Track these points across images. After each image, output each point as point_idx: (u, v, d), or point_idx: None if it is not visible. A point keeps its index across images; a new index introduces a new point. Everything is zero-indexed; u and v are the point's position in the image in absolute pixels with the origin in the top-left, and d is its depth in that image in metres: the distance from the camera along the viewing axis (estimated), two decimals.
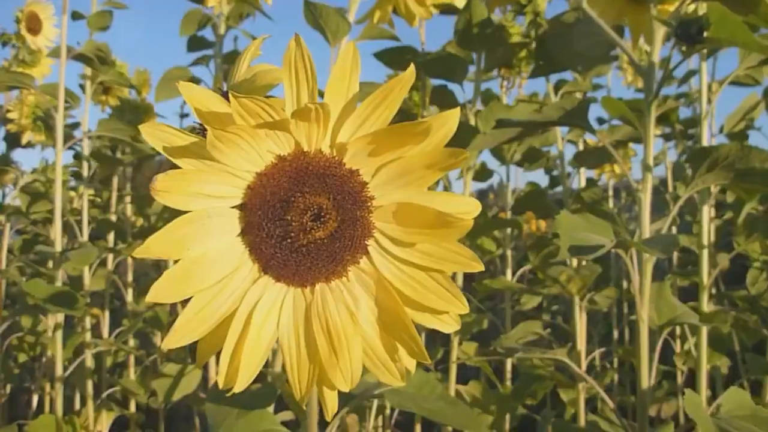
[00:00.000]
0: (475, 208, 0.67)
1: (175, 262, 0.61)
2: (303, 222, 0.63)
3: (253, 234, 0.64)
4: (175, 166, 0.60)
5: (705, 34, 1.24)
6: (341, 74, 0.61)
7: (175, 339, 0.62)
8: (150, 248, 0.59)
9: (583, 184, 2.71)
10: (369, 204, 0.65)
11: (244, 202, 0.64)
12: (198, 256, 0.62)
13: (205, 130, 0.65)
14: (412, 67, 0.60)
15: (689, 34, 1.26)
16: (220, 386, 0.63)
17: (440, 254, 0.66)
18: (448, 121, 0.63)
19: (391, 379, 0.66)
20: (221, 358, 0.63)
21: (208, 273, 0.63)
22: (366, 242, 0.67)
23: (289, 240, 0.64)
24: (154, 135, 0.59)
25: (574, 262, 2.35)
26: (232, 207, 0.64)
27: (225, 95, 0.67)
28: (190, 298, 0.63)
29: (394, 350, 0.67)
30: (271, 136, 0.61)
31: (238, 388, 0.63)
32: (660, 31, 1.41)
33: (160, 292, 0.60)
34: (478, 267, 0.65)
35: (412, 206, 0.65)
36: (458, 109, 0.63)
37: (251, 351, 0.64)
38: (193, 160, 0.61)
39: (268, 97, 0.70)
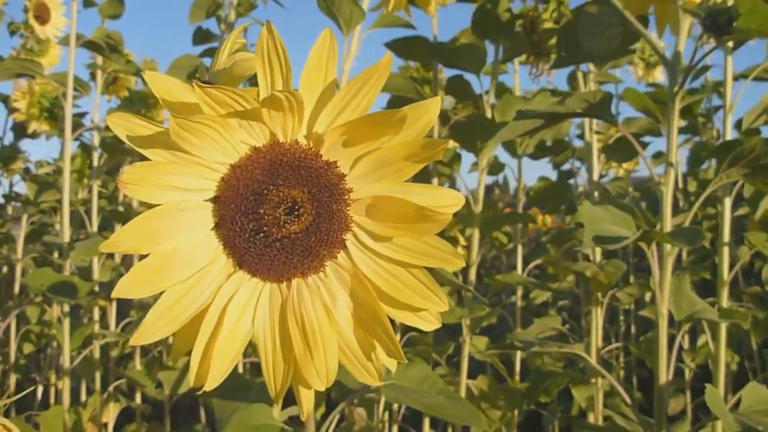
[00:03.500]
0: (458, 201, 0.64)
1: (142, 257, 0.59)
2: (277, 215, 0.61)
3: (227, 228, 0.62)
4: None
5: (734, 24, 1.21)
6: (317, 61, 0.59)
7: (144, 335, 0.60)
8: (117, 242, 0.57)
9: (595, 178, 2.67)
10: (346, 197, 0.63)
11: (217, 195, 0.62)
12: (170, 250, 0.60)
13: None
14: (387, 55, 0.58)
15: (718, 24, 1.23)
16: (191, 384, 0.62)
17: (420, 249, 0.63)
18: (428, 111, 0.60)
19: (368, 378, 0.64)
20: (192, 355, 0.61)
21: (181, 267, 0.61)
22: (343, 236, 0.65)
23: (262, 234, 0.62)
24: (119, 125, 0.57)
25: (598, 257, 2.33)
26: (206, 200, 0.62)
27: (206, 84, 0.65)
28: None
29: (372, 348, 0.64)
30: (245, 127, 0.59)
31: (209, 386, 0.61)
32: (686, 21, 1.37)
33: (128, 286, 0.58)
34: (459, 263, 0.62)
35: (390, 199, 0.63)
36: (439, 98, 0.60)
37: (224, 347, 0.62)
38: (162, 152, 0.59)
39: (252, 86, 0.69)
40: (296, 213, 0.62)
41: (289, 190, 0.61)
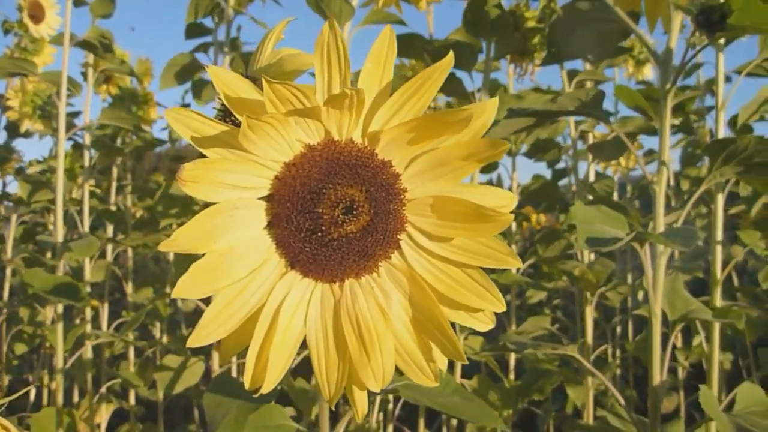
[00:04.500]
0: (511, 201, 0.64)
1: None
2: (335, 215, 0.60)
3: (281, 227, 0.61)
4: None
5: (727, 21, 1.21)
6: (376, 60, 0.58)
7: (201, 336, 0.59)
8: (178, 241, 0.56)
9: (591, 176, 2.68)
10: (402, 196, 0.63)
11: (271, 193, 0.61)
12: (225, 248, 0.59)
13: (228, 116, 0.62)
14: (450, 54, 0.58)
15: (711, 21, 1.23)
16: (247, 386, 0.61)
17: (475, 249, 0.63)
18: (486, 111, 0.60)
19: (425, 380, 0.63)
20: (248, 356, 0.60)
21: (235, 267, 0.60)
22: (398, 237, 0.64)
23: (319, 234, 0.61)
24: (181, 122, 0.56)
25: (586, 256, 2.33)
26: (259, 198, 0.61)
27: (249, 80, 0.64)
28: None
29: (428, 349, 0.64)
30: (301, 124, 0.59)
31: (266, 388, 0.60)
32: (677, 17, 1.37)
33: (186, 287, 0.57)
34: (516, 263, 0.62)
35: (448, 199, 0.62)
36: (496, 99, 0.60)
37: (279, 348, 0.61)
38: (220, 149, 0.58)
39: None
40: (354, 213, 0.61)
41: (346, 189, 0.61)
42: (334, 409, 0.67)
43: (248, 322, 0.62)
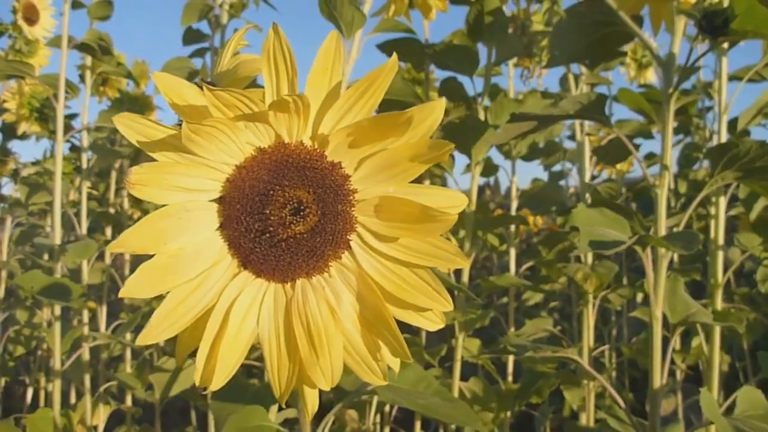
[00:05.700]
0: (461, 201, 0.64)
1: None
2: (282, 216, 0.61)
3: (232, 228, 0.62)
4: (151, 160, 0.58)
5: (730, 26, 1.21)
6: (323, 64, 0.59)
7: (150, 335, 0.60)
8: (124, 242, 0.57)
9: (587, 179, 2.67)
10: (351, 198, 0.64)
11: (222, 196, 0.62)
12: (176, 250, 0.60)
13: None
14: (394, 56, 0.58)
15: (714, 25, 1.23)
16: (197, 384, 0.62)
17: (424, 249, 0.64)
18: (433, 112, 0.61)
19: (373, 378, 0.64)
20: (197, 355, 0.61)
21: (186, 267, 0.61)
22: (348, 237, 0.65)
23: (268, 234, 0.62)
24: (129, 126, 0.57)
25: (590, 258, 2.33)
26: (211, 200, 0.62)
27: (210, 85, 0.65)
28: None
29: (377, 348, 0.65)
30: (251, 128, 0.60)
31: (214, 386, 0.61)
32: (681, 21, 1.37)
33: (135, 286, 0.59)
34: (463, 263, 0.63)
35: (395, 200, 0.63)
36: (443, 100, 0.61)
37: (229, 348, 0.62)
38: (170, 153, 0.59)
39: (253, 86, 0.69)
40: (301, 214, 0.62)
41: (294, 191, 0.62)
42: (285, 406, 0.67)
43: (201, 321, 0.62)
